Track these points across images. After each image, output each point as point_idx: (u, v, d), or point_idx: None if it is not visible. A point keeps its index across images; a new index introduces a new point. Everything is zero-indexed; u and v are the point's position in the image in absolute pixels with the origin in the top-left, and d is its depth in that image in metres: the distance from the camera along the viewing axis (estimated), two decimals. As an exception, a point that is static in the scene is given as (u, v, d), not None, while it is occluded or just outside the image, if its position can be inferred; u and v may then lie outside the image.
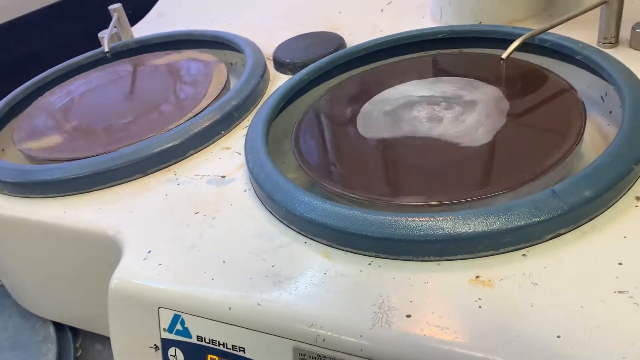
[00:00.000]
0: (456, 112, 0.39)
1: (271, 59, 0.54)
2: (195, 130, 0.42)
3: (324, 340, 0.28)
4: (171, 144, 0.41)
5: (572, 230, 0.29)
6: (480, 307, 0.27)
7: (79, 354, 0.45)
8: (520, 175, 0.32)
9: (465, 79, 0.43)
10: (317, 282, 0.30)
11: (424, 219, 0.29)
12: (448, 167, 0.35)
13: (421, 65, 0.47)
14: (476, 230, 0.28)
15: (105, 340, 0.45)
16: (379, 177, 0.36)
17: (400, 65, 0.48)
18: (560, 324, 0.25)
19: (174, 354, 0.32)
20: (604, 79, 0.39)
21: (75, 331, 0.47)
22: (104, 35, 0.60)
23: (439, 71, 0.46)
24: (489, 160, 0.35)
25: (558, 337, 0.25)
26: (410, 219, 0.29)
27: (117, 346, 0.34)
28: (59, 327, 0.46)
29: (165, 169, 0.41)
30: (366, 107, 0.43)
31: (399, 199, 0.33)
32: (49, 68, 0.59)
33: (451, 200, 0.31)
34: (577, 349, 0.24)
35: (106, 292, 0.34)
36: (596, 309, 0.25)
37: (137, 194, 0.40)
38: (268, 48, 0.55)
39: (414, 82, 0.45)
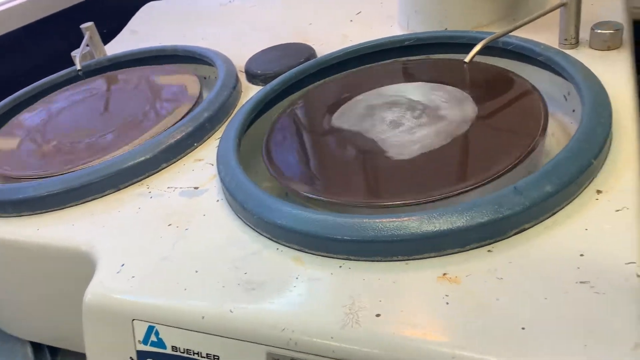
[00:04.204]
0: (415, 118, 0.40)
1: (243, 71, 0.55)
2: (168, 143, 0.43)
3: (296, 343, 0.28)
4: (143, 158, 0.42)
5: (535, 225, 0.30)
6: (447, 303, 0.27)
7: (57, 374, 0.45)
8: (484, 174, 0.33)
9: (430, 83, 0.44)
10: (288, 287, 0.30)
11: (391, 220, 0.30)
12: (412, 167, 0.36)
13: (389, 72, 0.48)
14: (442, 229, 0.29)
15: (83, 357, 0.45)
16: (348, 180, 0.36)
17: (367, 73, 0.49)
18: (524, 316, 0.26)
19: (149, 366, 0.32)
20: (565, 78, 0.40)
21: (53, 350, 0.46)
22: (77, 53, 0.60)
23: (406, 76, 0.47)
24: (453, 160, 0.36)
25: (523, 329, 0.25)
26: (377, 220, 0.30)
27: (93, 361, 0.34)
28: (37, 347, 0.46)
29: (138, 183, 0.42)
30: (337, 113, 0.43)
31: (367, 200, 0.33)
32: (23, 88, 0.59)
33: (415, 200, 0.32)
34: (541, 340, 0.25)
35: (79, 308, 0.34)
36: (559, 300, 0.26)
37: (110, 208, 0.40)
38: (240, 61, 0.55)
39: (380, 88, 0.45)
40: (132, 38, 0.72)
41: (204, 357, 0.30)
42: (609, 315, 0.25)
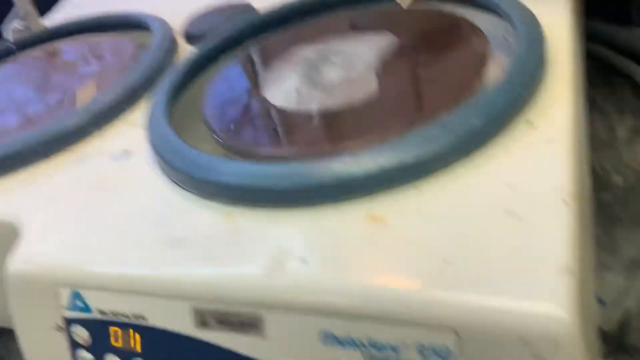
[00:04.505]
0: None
1: (182, 34, 0.53)
2: (97, 109, 0.41)
3: (221, 296, 0.27)
4: (72, 124, 0.40)
5: (463, 160, 0.29)
6: (373, 243, 0.26)
7: (2, 354, 0.43)
8: (420, 116, 0.32)
9: (371, 34, 0.43)
10: (215, 242, 0.29)
11: (316, 165, 0.29)
12: (348, 114, 0.34)
13: (332, 25, 0.46)
14: (367, 169, 0.28)
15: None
16: (274, 133, 0.35)
17: (309, 27, 0.47)
18: (449, 250, 0.25)
19: (77, 332, 0.31)
20: (501, 17, 0.39)
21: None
22: (8, 26, 0.58)
23: (348, 29, 0.46)
24: (387, 105, 0.34)
25: (446, 261, 0.24)
26: (302, 166, 0.29)
27: (22, 332, 0.33)
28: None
29: (67, 150, 0.40)
30: (273, 67, 0.42)
31: (294, 150, 0.32)
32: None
33: (345, 146, 0.31)
34: (465, 271, 0.24)
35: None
36: (485, 231, 0.25)
37: (37, 178, 0.38)
38: (179, 23, 0.53)
39: (320, 43, 0.44)
40: (68, 9, 0.69)
41: (130, 318, 0.29)
42: (534, 243, 0.24)
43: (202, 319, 0.27)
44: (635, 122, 0.49)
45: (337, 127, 0.33)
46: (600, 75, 0.56)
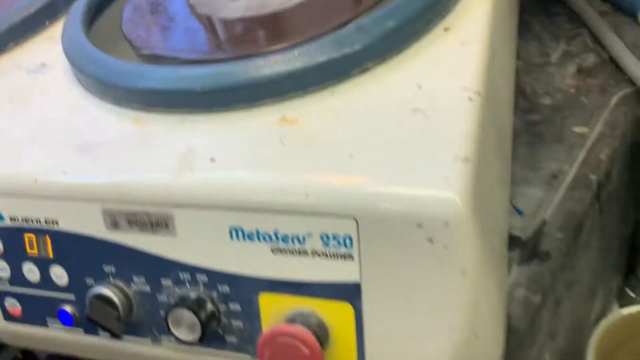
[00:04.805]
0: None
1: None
2: (15, 21, 0.39)
3: (130, 196, 0.27)
4: (-14, 37, 0.38)
5: (379, 64, 0.29)
6: (283, 143, 0.26)
7: None
8: (335, 21, 0.31)
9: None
10: (125, 146, 0.28)
11: (228, 67, 0.28)
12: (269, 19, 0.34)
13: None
14: (280, 71, 0.28)
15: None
16: (192, 38, 0.34)
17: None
18: (356, 146, 0.25)
19: (-8, 242, 0.30)
20: None
21: None
22: None
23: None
24: (309, 7, 0.34)
25: (351, 156, 0.25)
26: (215, 69, 0.28)
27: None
28: None
29: (-17, 65, 0.38)
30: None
31: (210, 55, 0.31)
32: None
33: (260, 50, 0.30)
34: (367, 163, 0.24)
35: None
36: (391, 128, 0.26)
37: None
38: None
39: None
40: None
41: (43, 224, 0.29)
42: (435, 136, 0.25)
43: (113, 220, 0.27)
44: (568, 48, 0.50)
45: (254, 33, 0.33)
46: (539, 4, 0.56)
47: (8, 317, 0.32)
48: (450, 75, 0.28)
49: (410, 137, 0.25)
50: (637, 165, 0.46)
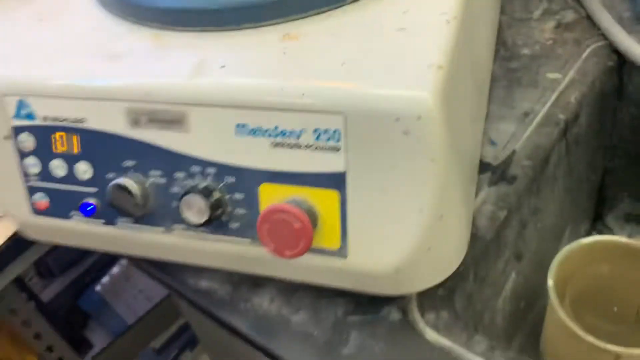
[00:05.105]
0: None
1: None
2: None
3: (150, 96, 0.31)
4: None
5: (371, -7, 0.33)
6: (285, 54, 0.30)
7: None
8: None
9: None
10: (146, 56, 0.32)
11: (239, -11, 0.32)
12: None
13: None
14: (284, -7, 0.32)
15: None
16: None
17: None
18: (347, 57, 0.29)
19: (24, 140, 0.34)
20: None
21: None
22: None
23: None
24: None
25: (343, 64, 0.29)
26: (227, -10, 0.32)
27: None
28: None
29: (12, -9, 0.42)
30: None
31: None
32: None
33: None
34: (356, 72, 0.28)
35: None
36: (379, 42, 0.30)
37: (-16, 13, 0.40)
38: None
39: None
40: None
41: (72, 122, 0.33)
42: (415, 49, 0.29)
43: (135, 118, 0.31)
44: (549, 6, 0.54)
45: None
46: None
47: (36, 211, 0.36)
48: (432, 3, 0.31)
49: (394, 50, 0.29)
50: (605, 114, 0.50)
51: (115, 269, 1.07)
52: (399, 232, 0.29)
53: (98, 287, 1.06)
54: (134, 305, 1.04)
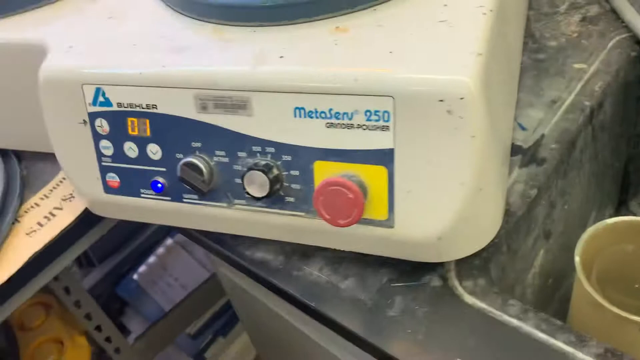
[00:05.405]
0: None
1: None
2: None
3: (217, 83, 0.34)
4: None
5: (414, -11, 0.36)
6: (336, 44, 0.34)
7: (24, 174, 0.51)
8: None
9: None
10: (208, 48, 0.36)
11: (294, -13, 0.36)
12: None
13: None
14: (335, -10, 0.35)
15: (47, 158, 0.51)
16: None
17: None
18: (395, 46, 0.33)
19: (100, 125, 0.38)
20: None
21: (18, 157, 0.52)
22: None
23: None
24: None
25: (391, 52, 0.32)
26: (283, -12, 0.36)
27: (53, 132, 0.40)
28: (2, 153, 0.51)
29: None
30: None
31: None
32: None
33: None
34: (402, 59, 0.32)
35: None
36: (422, 33, 0.33)
37: (56, 12, 0.44)
38: None
39: None
40: None
41: (144, 108, 0.37)
42: (456, 39, 0.32)
43: (203, 103, 0.35)
44: (575, 0, 0.56)
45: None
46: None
47: (108, 189, 0.40)
48: (470, -2, 0.35)
49: (437, 40, 0.32)
50: (628, 102, 0.53)
51: (151, 259, 1.12)
52: (442, 203, 0.32)
53: (135, 276, 1.11)
54: (170, 293, 1.08)
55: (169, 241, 1.14)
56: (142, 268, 1.11)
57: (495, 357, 0.32)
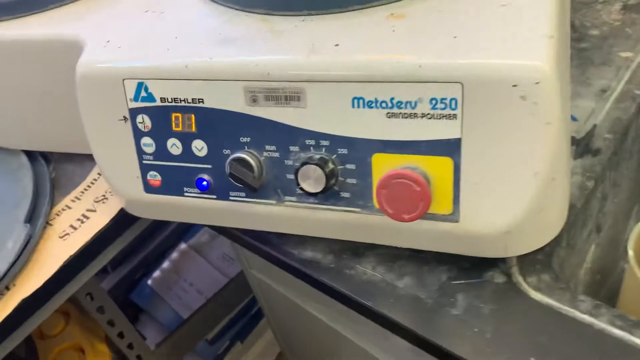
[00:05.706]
0: None
1: None
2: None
3: (268, 74, 0.33)
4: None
5: (469, -27, 0.35)
6: (393, 31, 0.32)
7: (53, 176, 0.49)
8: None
9: None
10: (259, 38, 0.34)
11: (346, -27, 0.34)
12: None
13: None
14: (390, -24, 0.34)
15: (75, 159, 0.49)
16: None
17: None
18: (458, 31, 0.31)
19: (141, 121, 0.37)
20: None
21: (46, 159, 0.50)
22: None
23: None
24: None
25: (455, 38, 0.30)
26: (334, -25, 0.34)
27: (91, 129, 0.39)
28: (30, 155, 0.50)
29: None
30: None
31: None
32: None
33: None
34: (470, 44, 0.30)
35: (73, 103, 0.38)
36: (485, 16, 0.31)
37: (90, 6, 0.43)
38: None
39: None
40: None
41: (190, 103, 0.35)
42: (523, 21, 0.30)
43: (253, 96, 0.33)
44: (613, -11, 0.55)
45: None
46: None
47: (149, 188, 0.39)
48: (530, -19, 0.33)
49: (501, 23, 0.31)
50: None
51: (165, 264, 1.10)
52: (513, 195, 0.30)
53: (149, 282, 1.09)
54: (186, 298, 1.06)
55: (182, 245, 1.12)
56: (156, 273, 1.09)
57: (570, 355, 0.30)
